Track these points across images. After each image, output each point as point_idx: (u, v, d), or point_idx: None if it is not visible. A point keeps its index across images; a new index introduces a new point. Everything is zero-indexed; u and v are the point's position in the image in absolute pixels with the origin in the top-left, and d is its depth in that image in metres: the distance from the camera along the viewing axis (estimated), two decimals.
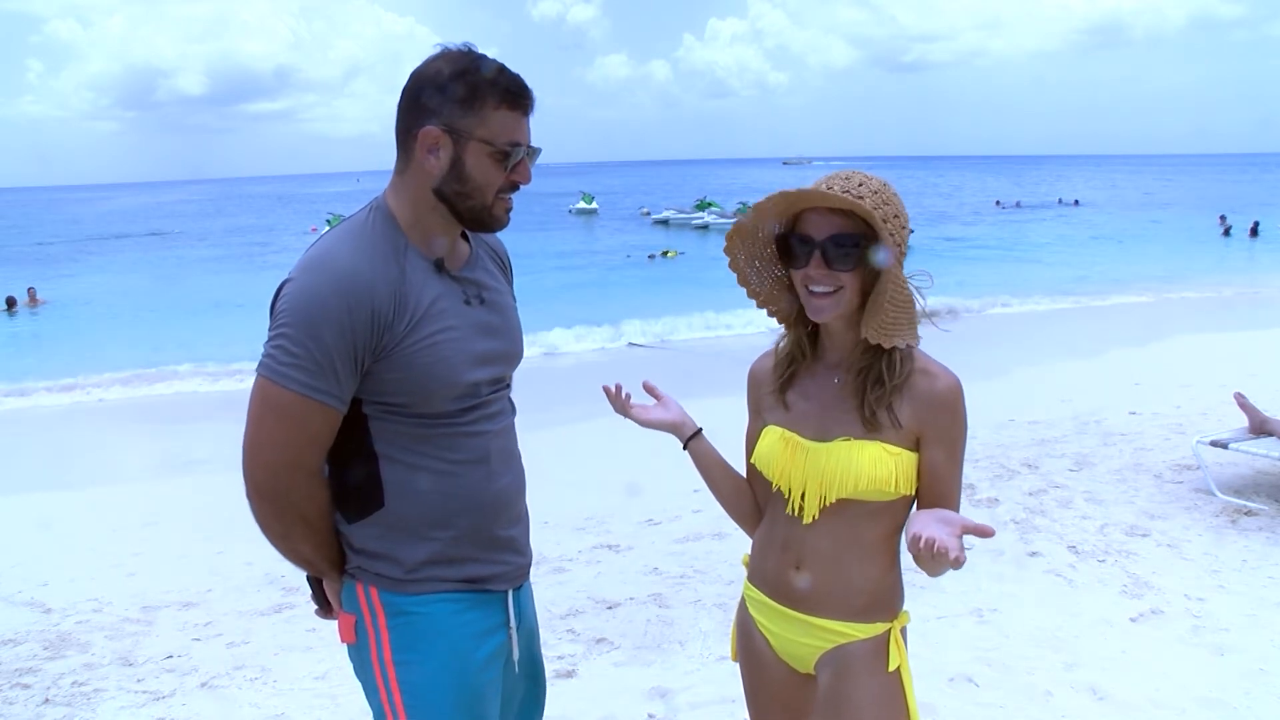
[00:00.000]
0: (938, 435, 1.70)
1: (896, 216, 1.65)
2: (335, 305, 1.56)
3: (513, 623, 1.82)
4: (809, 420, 1.77)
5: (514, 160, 1.68)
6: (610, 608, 4.30)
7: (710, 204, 42.21)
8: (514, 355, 1.86)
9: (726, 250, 1.77)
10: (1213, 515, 5.14)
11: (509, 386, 1.88)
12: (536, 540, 1.95)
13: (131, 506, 6.40)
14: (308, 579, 1.85)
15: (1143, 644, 3.75)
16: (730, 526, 5.64)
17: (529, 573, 1.91)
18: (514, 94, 1.67)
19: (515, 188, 1.72)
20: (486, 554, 1.76)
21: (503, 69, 1.67)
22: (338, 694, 3.54)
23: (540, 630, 2.04)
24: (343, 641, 1.78)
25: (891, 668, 1.76)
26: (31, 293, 21.61)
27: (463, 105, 1.64)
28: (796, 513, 1.75)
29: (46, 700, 3.66)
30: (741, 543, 1.93)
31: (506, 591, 1.81)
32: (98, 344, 15.86)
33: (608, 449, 6.84)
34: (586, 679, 3.65)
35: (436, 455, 1.69)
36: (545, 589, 4.41)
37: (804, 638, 1.80)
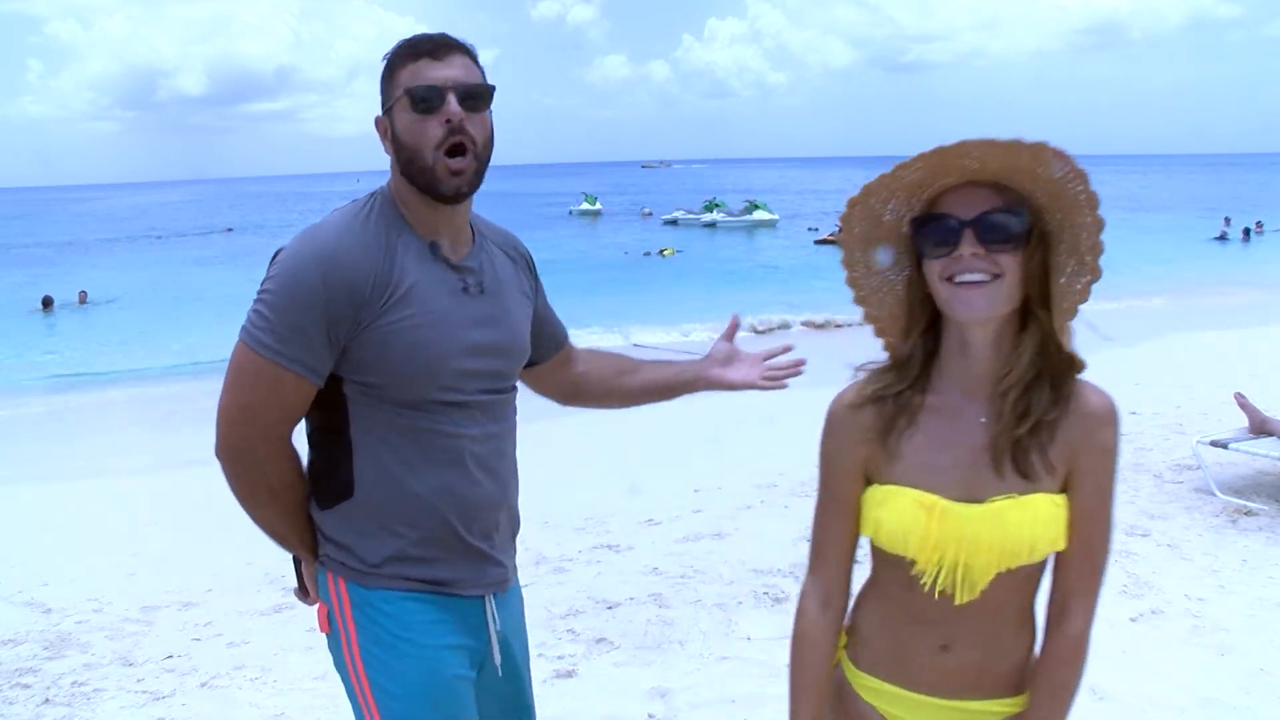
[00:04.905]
0: (1093, 465, 1.41)
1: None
2: (313, 277, 1.57)
3: (492, 628, 1.77)
4: (950, 475, 1.41)
5: (431, 101, 1.61)
6: (610, 608, 4.30)
7: (718, 204, 42.62)
8: (511, 349, 1.80)
9: (842, 220, 1.45)
10: (1213, 515, 5.14)
11: (508, 391, 1.81)
12: (537, 540, 1.93)
13: (132, 506, 6.40)
14: (293, 559, 1.84)
15: (1143, 644, 3.75)
16: (731, 526, 5.66)
17: (510, 581, 1.85)
18: (417, 44, 1.65)
19: (457, 147, 1.62)
20: (454, 558, 1.72)
21: (417, 34, 1.68)
22: (338, 694, 3.52)
23: (540, 630, 2.01)
24: (321, 631, 1.77)
25: None
26: (83, 295, 21.93)
27: (385, 82, 1.68)
28: (950, 592, 1.41)
29: (46, 700, 3.65)
30: (742, 543, 1.90)
31: (483, 597, 1.76)
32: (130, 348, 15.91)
33: (608, 449, 6.84)
34: (586, 679, 3.64)
35: (411, 451, 1.66)
36: (545, 589, 4.40)
37: (947, 719, 1.52)
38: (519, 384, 1.99)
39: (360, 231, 1.63)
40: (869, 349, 1.55)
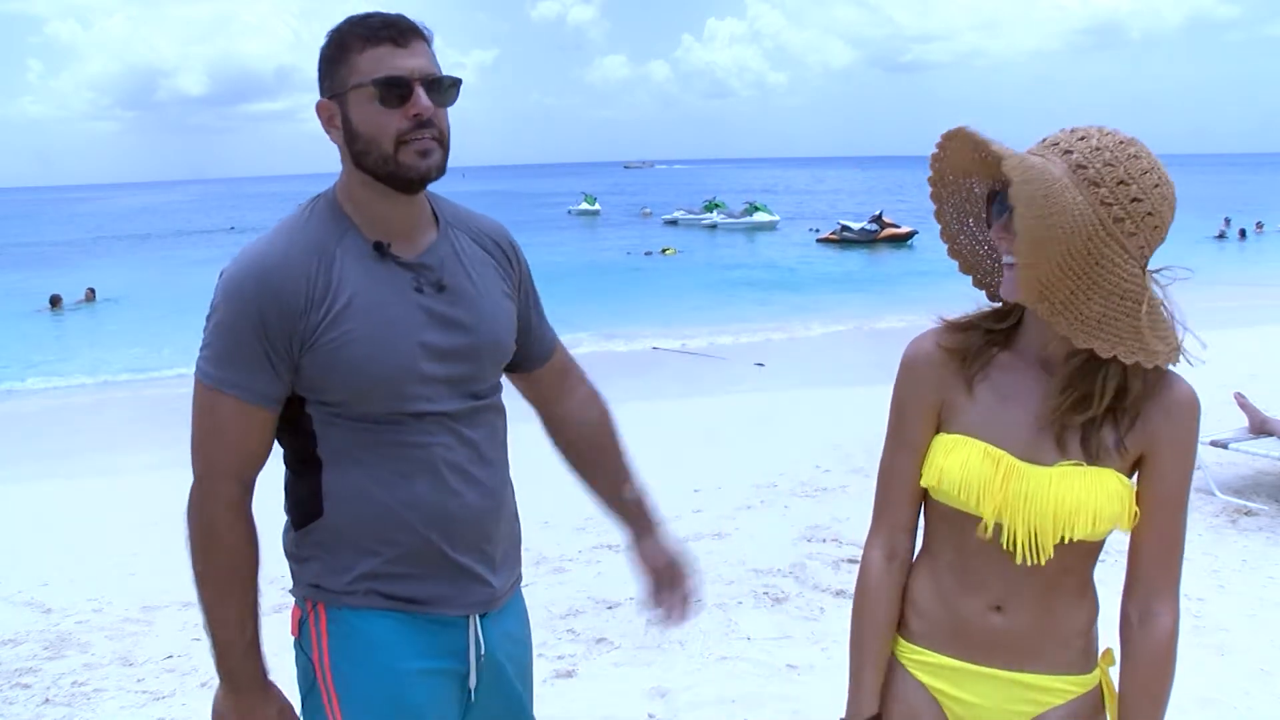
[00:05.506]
0: (1175, 456, 1.37)
1: (1122, 183, 1.25)
2: (244, 297, 1.49)
3: (473, 651, 1.65)
4: (1016, 433, 1.38)
5: (399, 93, 1.49)
6: (610, 608, 4.30)
7: (718, 204, 42.46)
8: (480, 348, 1.63)
9: (933, 198, 1.43)
10: (1213, 515, 5.14)
11: (486, 395, 1.66)
12: (537, 540, 1.91)
13: (132, 506, 6.39)
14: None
15: None
16: (731, 526, 5.65)
17: (501, 601, 1.70)
18: (377, 28, 1.51)
19: (419, 127, 1.50)
20: (433, 575, 1.60)
21: (370, 13, 1.53)
22: None
23: (540, 630, 1.95)
24: (291, 634, 1.74)
25: None
26: (90, 292, 22.06)
27: (334, 64, 1.53)
28: (1010, 551, 1.37)
29: (46, 700, 3.65)
30: (742, 543, 1.89)
31: (467, 616, 1.64)
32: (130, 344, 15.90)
33: None
34: (586, 679, 3.65)
35: (379, 467, 1.56)
36: (545, 589, 4.40)
37: (1007, 702, 1.44)
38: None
39: (294, 241, 1.53)
40: (867, 350, 1.53)
